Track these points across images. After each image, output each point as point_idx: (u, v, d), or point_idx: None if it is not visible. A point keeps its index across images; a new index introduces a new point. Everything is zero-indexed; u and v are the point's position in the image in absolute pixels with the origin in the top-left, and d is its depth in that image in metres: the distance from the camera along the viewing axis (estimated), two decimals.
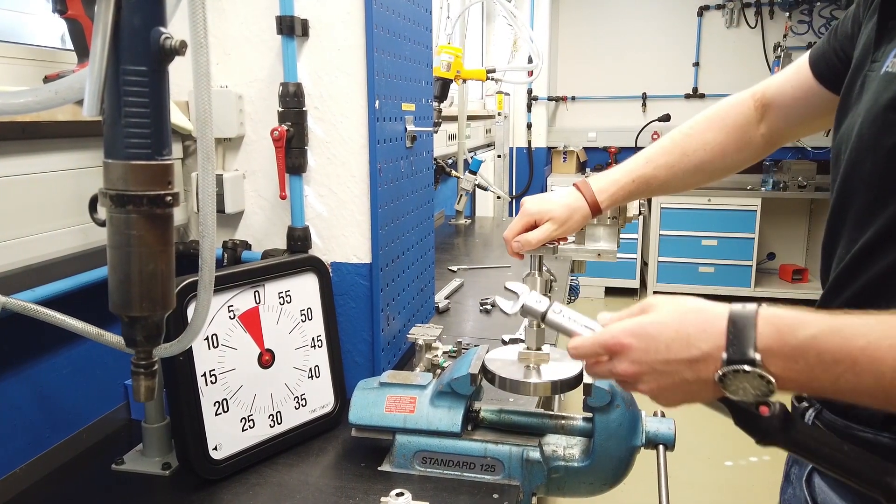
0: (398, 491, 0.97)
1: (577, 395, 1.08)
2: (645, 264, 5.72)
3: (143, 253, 0.63)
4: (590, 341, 0.72)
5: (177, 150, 1.37)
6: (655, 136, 5.97)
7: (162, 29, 0.60)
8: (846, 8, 0.90)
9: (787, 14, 5.47)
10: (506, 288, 0.93)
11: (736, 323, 0.60)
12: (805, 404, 0.81)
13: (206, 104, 0.68)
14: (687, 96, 5.88)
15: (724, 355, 0.59)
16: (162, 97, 0.61)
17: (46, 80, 1.21)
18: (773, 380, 0.59)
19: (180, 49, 0.60)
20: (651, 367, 0.65)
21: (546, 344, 1.18)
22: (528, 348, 1.17)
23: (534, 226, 1.13)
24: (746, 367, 0.58)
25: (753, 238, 5.24)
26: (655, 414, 1.14)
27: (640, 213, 1.97)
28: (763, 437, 0.65)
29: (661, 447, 1.09)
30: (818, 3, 5.41)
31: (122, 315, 0.66)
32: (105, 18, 0.56)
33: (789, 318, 0.60)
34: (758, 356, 0.58)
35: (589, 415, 1.10)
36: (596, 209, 1.12)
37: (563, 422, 1.14)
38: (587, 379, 1.07)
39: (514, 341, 1.73)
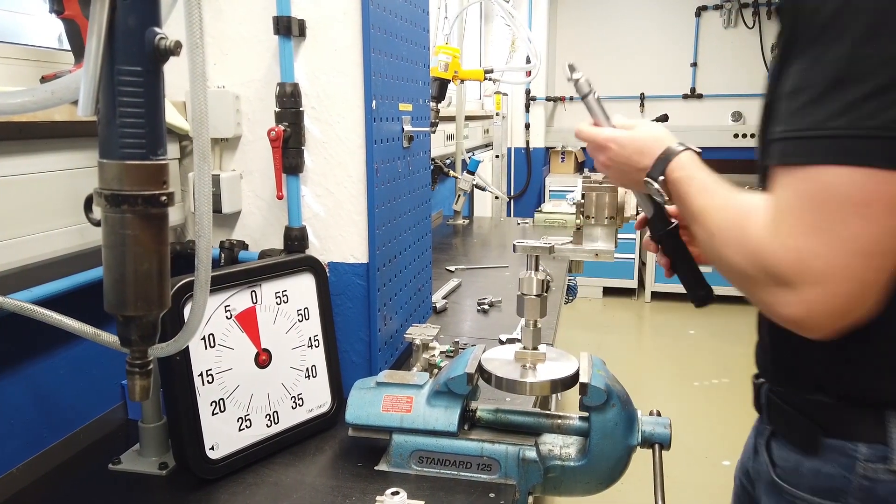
0: (393, 490, 0.98)
1: (574, 394, 1.08)
2: (643, 264, 5.73)
3: (137, 252, 0.63)
4: (591, 134, 1.05)
5: (174, 150, 1.37)
6: None
7: (157, 29, 0.60)
8: None
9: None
10: (569, 65, 1.07)
11: (664, 156, 0.94)
12: (760, 380, 0.98)
13: (203, 104, 0.68)
14: (685, 97, 5.88)
15: (648, 170, 0.95)
16: (157, 97, 0.61)
17: (43, 80, 1.21)
18: (658, 193, 0.94)
19: (175, 49, 0.60)
20: (615, 162, 1.02)
21: (542, 343, 1.19)
22: (524, 348, 1.18)
23: None
24: (652, 182, 0.94)
25: None
26: (651, 413, 1.15)
27: (637, 213, 1.98)
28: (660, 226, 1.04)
29: (657, 446, 1.10)
30: None
31: (117, 315, 0.66)
32: (100, 19, 0.56)
33: (689, 169, 0.91)
34: (660, 178, 0.93)
35: (585, 414, 1.10)
36: None
37: (559, 421, 1.14)
38: (583, 378, 1.08)
39: (511, 341, 1.73)
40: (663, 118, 5.78)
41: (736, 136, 5.76)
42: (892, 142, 0.66)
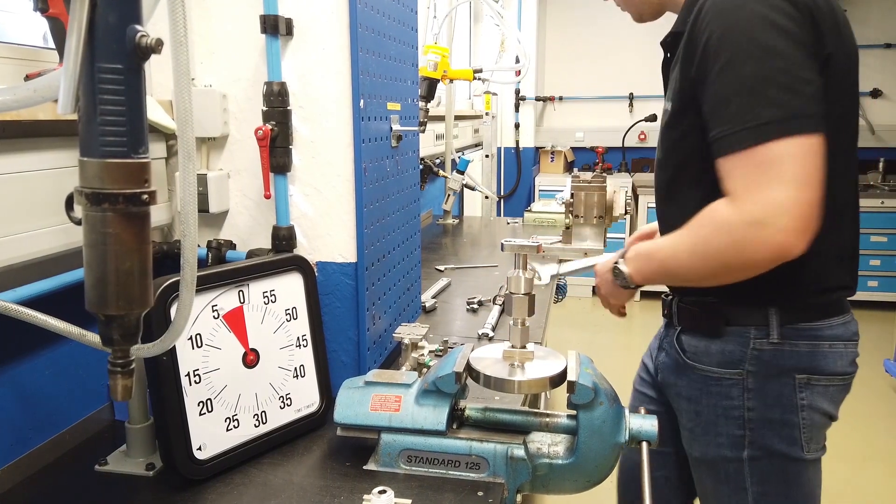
0: (380, 489, 0.97)
1: (564, 392, 1.08)
2: None
3: (119, 251, 0.63)
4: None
5: (160, 149, 1.37)
6: (642, 136, 6.02)
7: (138, 27, 0.59)
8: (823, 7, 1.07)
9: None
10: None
11: (617, 271, 1.26)
12: (670, 296, 1.32)
13: (187, 103, 0.68)
14: None
15: (618, 283, 1.26)
16: (138, 95, 0.61)
17: (27, 78, 1.20)
18: (627, 273, 1.23)
19: (156, 47, 0.59)
20: (602, 289, 1.38)
21: (531, 342, 1.19)
22: (512, 346, 1.18)
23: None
24: (617, 270, 1.25)
25: None
26: (639, 411, 1.15)
27: (626, 213, 1.99)
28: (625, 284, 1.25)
29: (644, 444, 1.10)
30: None
31: (99, 314, 0.66)
32: (80, 16, 0.55)
33: (635, 259, 1.23)
34: (623, 265, 1.25)
35: (573, 412, 1.10)
36: None
37: (547, 419, 1.14)
38: (571, 377, 1.08)
39: (485, 335, 1.75)
40: (652, 118, 5.82)
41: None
42: (798, 120, 0.96)
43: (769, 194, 0.95)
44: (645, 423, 1.11)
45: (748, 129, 0.97)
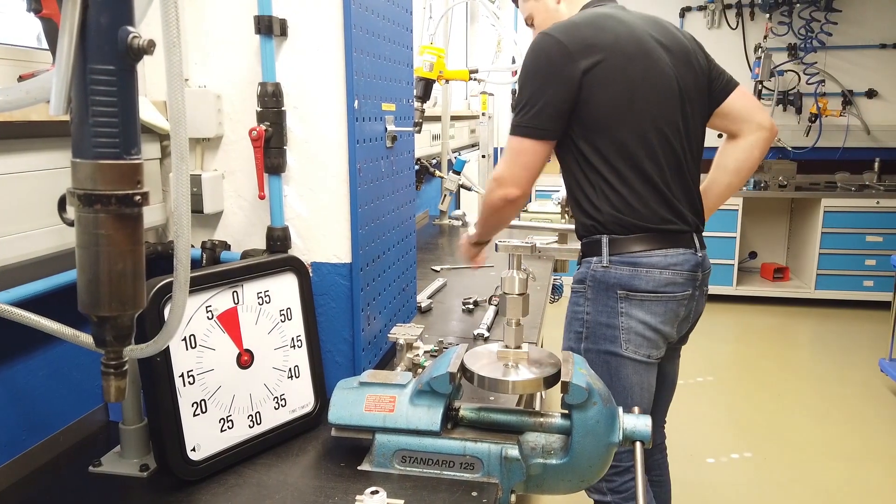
0: (373, 489, 0.98)
1: (559, 392, 1.09)
2: None
3: (111, 252, 0.63)
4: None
5: (155, 150, 1.37)
6: None
7: (130, 28, 0.59)
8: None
9: (768, 15, 5.53)
10: None
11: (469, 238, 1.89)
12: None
13: (180, 103, 0.68)
14: None
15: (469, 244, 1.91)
16: (130, 96, 0.61)
17: (21, 79, 1.20)
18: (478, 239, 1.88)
19: (148, 48, 0.59)
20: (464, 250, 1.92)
21: (525, 342, 1.19)
22: (507, 347, 1.18)
23: None
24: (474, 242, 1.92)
25: (735, 237, 5.29)
26: (633, 411, 1.16)
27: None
28: None
29: (637, 444, 1.10)
30: (798, 5, 5.47)
31: (91, 315, 0.66)
32: (72, 17, 0.55)
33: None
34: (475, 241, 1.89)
35: (567, 412, 1.11)
36: None
37: (541, 419, 1.14)
38: (565, 377, 1.08)
39: (480, 335, 1.75)
40: None
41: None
42: (530, 129, 1.51)
43: (507, 167, 1.56)
44: (639, 423, 1.11)
45: (513, 125, 1.55)
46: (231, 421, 1.15)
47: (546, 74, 1.48)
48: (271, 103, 1.30)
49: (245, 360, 1.18)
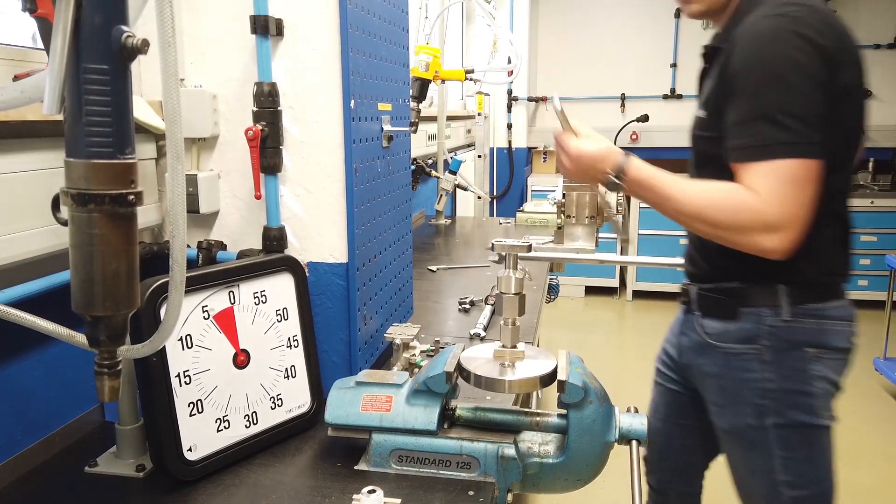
0: (370, 488, 0.98)
1: (556, 391, 1.09)
2: None
3: (105, 252, 0.62)
4: (561, 140, 1.37)
5: (151, 149, 1.36)
6: (634, 137, 6.03)
7: (124, 27, 0.59)
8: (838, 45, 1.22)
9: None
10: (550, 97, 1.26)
11: (620, 165, 1.29)
12: (691, 284, 1.43)
13: (175, 103, 0.67)
14: (665, 97, 5.92)
15: (611, 174, 1.31)
16: (124, 95, 0.61)
17: (16, 79, 1.19)
18: (625, 187, 1.31)
19: (142, 48, 0.59)
20: (577, 168, 1.35)
21: (521, 342, 1.19)
22: (503, 346, 1.18)
23: None
24: (616, 181, 1.30)
25: None
26: (629, 410, 1.16)
27: (617, 213, 1.99)
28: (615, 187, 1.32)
29: (634, 443, 1.11)
30: None
31: (85, 315, 0.66)
32: (65, 16, 0.55)
33: (641, 167, 1.29)
34: (622, 179, 1.30)
35: (563, 411, 1.11)
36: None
37: (538, 419, 1.15)
38: (561, 376, 1.08)
39: (476, 335, 1.75)
40: (644, 118, 5.83)
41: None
42: (805, 146, 1.16)
43: (788, 210, 1.15)
44: (635, 422, 1.11)
45: (764, 146, 1.17)
46: (227, 421, 1.15)
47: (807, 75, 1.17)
48: (267, 103, 1.30)
49: (241, 360, 1.18)
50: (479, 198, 4.07)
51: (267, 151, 1.31)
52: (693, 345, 1.42)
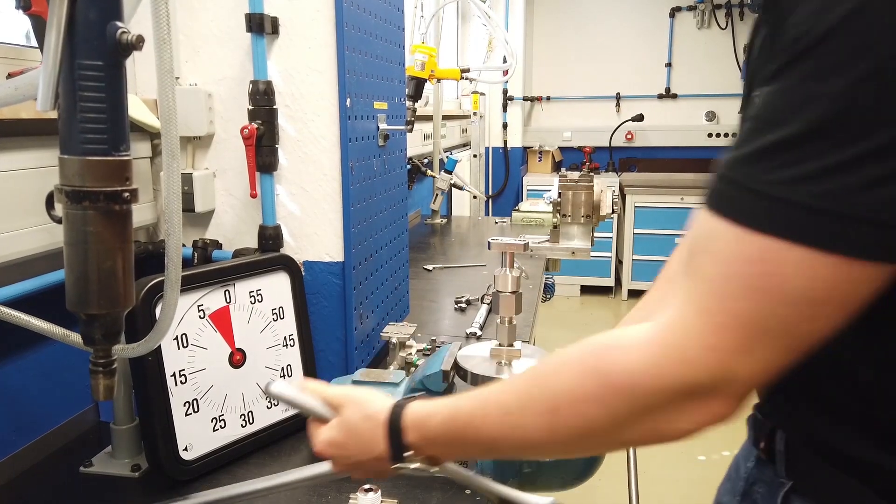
0: (367, 487, 0.97)
1: None
2: (620, 262, 5.77)
3: (100, 250, 0.62)
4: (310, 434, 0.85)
5: (146, 148, 1.36)
6: (629, 136, 6.05)
7: (118, 23, 0.59)
8: None
9: (757, 16, 5.57)
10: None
11: (391, 430, 0.76)
12: (771, 427, 0.79)
13: (171, 101, 0.67)
14: (660, 96, 5.94)
15: (390, 457, 0.77)
16: (119, 92, 0.60)
17: (10, 76, 1.19)
18: (428, 462, 0.78)
19: (137, 44, 0.59)
20: (348, 465, 0.83)
21: (518, 340, 1.19)
22: (500, 345, 1.18)
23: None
24: (407, 462, 0.77)
25: None
26: None
27: (613, 212, 1.98)
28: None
29: None
30: None
31: (80, 313, 0.65)
32: (59, 12, 0.55)
33: (423, 413, 0.75)
34: (410, 453, 0.76)
35: None
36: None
37: None
38: None
39: (473, 334, 1.75)
40: (639, 118, 5.85)
41: (710, 135, 5.84)
42: (883, 229, 0.47)
43: (748, 350, 0.55)
44: None
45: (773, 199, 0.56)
46: (223, 420, 1.15)
47: None
48: (263, 101, 1.29)
49: (237, 359, 1.18)
50: (474, 197, 4.07)
51: (262, 150, 1.31)
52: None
